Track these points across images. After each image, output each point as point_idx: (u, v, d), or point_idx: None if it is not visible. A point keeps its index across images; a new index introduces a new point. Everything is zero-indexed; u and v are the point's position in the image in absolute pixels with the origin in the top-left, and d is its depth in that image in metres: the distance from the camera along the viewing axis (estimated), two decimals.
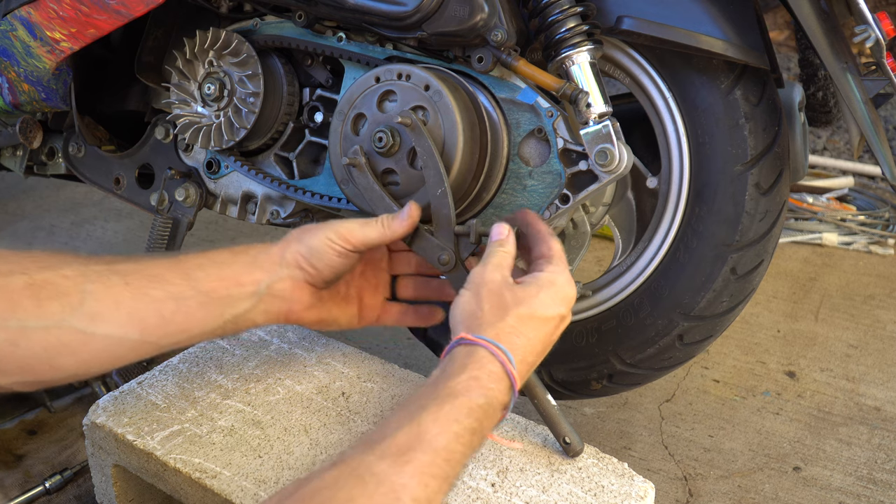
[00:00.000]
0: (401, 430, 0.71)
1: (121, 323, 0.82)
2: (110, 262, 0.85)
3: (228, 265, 0.90)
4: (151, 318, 0.84)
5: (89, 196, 2.50)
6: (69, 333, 0.79)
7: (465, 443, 0.73)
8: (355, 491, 0.65)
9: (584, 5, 0.99)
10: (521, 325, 0.83)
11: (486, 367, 0.79)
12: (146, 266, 0.86)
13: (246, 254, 0.92)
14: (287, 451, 0.96)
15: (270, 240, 0.96)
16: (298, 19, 1.12)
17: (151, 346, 0.85)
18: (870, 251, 2.15)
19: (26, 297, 0.77)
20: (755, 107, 1.02)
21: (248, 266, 0.91)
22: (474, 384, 0.77)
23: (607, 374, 1.15)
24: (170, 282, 0.86)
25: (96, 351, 0.82)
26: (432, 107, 0.99)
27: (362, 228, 0.93)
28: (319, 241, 0.92)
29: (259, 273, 0.91)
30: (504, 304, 0.84)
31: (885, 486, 1.32)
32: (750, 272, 1.06)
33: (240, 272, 0.90)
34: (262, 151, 1.24)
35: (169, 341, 0.87)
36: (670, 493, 1.30)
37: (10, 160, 1.47)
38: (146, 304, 0.84)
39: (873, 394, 1.56)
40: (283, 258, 0.92)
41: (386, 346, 1.69)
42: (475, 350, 0.80)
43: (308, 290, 0.94)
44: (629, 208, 1.17)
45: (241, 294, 0.90)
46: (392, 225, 0.94)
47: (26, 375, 0.80)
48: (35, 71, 1.22)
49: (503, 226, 0.93)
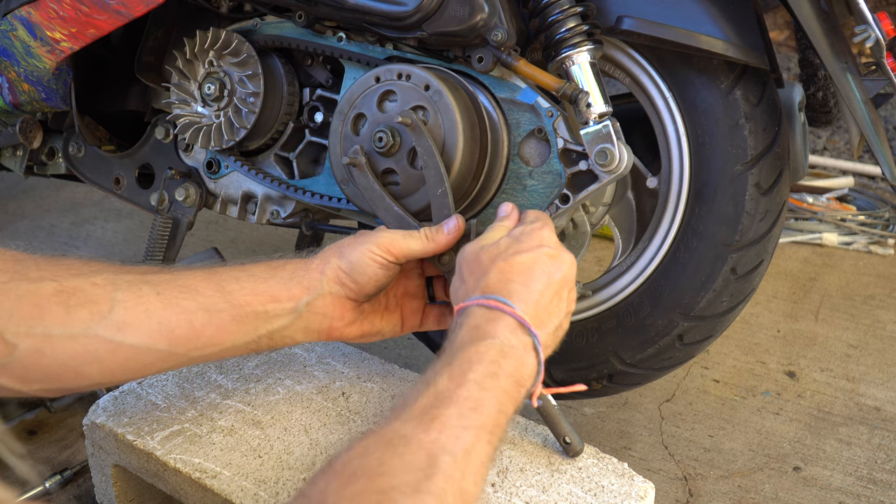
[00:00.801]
0: (420, 395, 0.71)
1: (149, 333, 0.81)
2: (143, 271, 0.85)
3: (265, 280, 0.89)
4: (181, 329, 0.82)
5: (89, 196, 2.50)
6: (96, 342, 0.78)
7: (490, 387, 0.72)
8: (386, 455, 0.65)
9: (584, 5, 0.99)
10: (508, 273, 0.83)
11: (482, 317, 0.79)
12: (179, 276, 0.85)
13: (284, 269, 0.91)
14: (287, 451, 0.96)
15: (271, 239, 0.95)
16: (298, 19, 1.12)
17: (180, 357, 0.84)
18: (870, 251, 2.15)
19: (55, 304, 0.76)
20: (755, 107, 1.02)
21: (286, 282, 0.90)
22: (475, 333, 0.77)
23: (607, 374, 1.15)
24: (202, 293, 0.85)
25: (122, 360, 0.81)
26: (432, 107, 0.99)
27: (405, 240, 0.93)
28: (361, 254, 0.91)
29: (298, 290, 0.89)
30: (482, 265, 0.85)
31: (885, 486, 1.32)
32: (750, 272, 1.06)
33: (277, 288, 0.89)
34: (263, 151, 1.24)
35: (199, 353, 0.85)
36: (670, 493, 1.30)
37: (10, 160, 1.47)
38: (176, 315, 0.82)
39: (873, 394, 1.56)
40: (323, 274, 0.91)
41: (386, 346, 1.69)
42: (467, 311, 0.81)
43: (350, 305, 0.93)
44: (629, 208, 1.17)
45: (278, 310, 0.88)
46: (437, 237, 0.94)
47: (51, 383, 0.79)
48: (35, 71, 1.22)
49: (509, 204, 0.94)
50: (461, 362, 0.74)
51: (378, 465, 0.64)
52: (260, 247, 2.12)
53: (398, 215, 1.00)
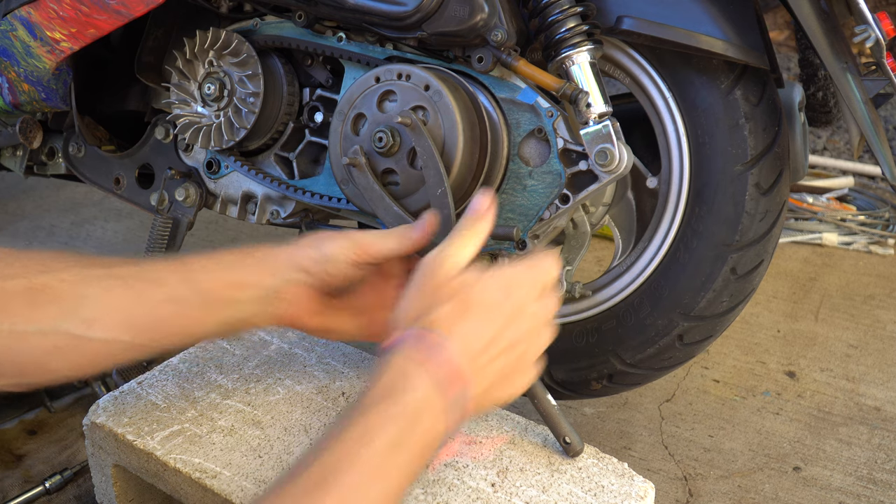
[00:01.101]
0: (316, 461, 0.64)
1: (115, 326, 0.81)
2: (112, 265, 0.85)
3: (233, 268, 0.88)
4: (146, 321, 0.83)
5: (89, 196, 2.50)
6: (63, 338, 0.78)
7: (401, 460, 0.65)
8: None
9: (584, 5, 0.99)
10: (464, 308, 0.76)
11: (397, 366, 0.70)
12: (148, 269, 0.86)
13: (253, 255, 0.90)
14: (287, 451, 0.96)
15: (271, 239, 0.95)
16: (298, 19, 1.12)
17: (146, 348, 0.84)
18: (870, 251, 2.15)
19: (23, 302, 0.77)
20: (755, 107, 1.02)
21: (254, 268, 0.89)
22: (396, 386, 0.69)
23: (607, 374, 1.15)
24: (169, 284, 0.85)
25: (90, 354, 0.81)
26: (432, 107, 0.99)
27: (381, 239, 0.91)
28: (336, 248, 0.89)
29: (265, 276, 0.89)
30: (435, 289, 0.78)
31: (885, 486, 1.32)
32: (750, 272, 1.06)
33: (244, 274, 0.88)
34: (262, 151, 1.24)
35: (167, 342, 0.86)
36: (670, 493, 1.30)
37: (10, 160, 1.47)
38: (143, 307, 0.83)
39: (873, 394, 1.56)
40: (292, 262, 0.90)
41: None
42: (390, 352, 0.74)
43: (316, 296, 0.92)
44: (629, 208, 1.17)
45: (245, 297, 0.88)
46: (411, 235, 0.91)
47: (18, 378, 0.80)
48: (35, 71, 1.22)
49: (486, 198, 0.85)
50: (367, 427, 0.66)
51: None
52: None
53: (398, 215, 1.00)
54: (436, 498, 0.88)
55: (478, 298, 0.77)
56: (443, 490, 0.89)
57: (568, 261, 1.15)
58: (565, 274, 1.11)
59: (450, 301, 0.76)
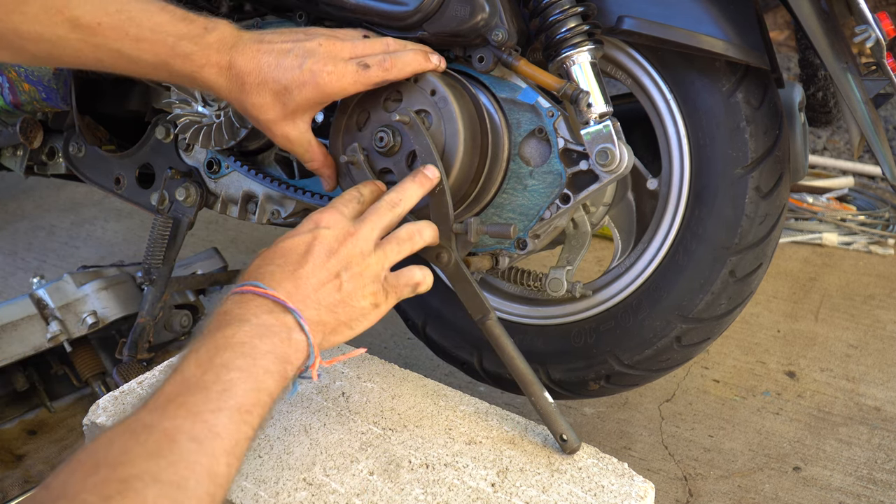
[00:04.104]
0: (167, 383, 0.71)
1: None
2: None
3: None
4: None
5: (89, 196, 2.50)
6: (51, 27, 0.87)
7: (242, 367, 0.72)
8: (129, 443, 0.65)
9: (585, 5, 0.99)
10: (269, 257, 0.84)
11: (233, 303, 0.79)
12: None
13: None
14: (287, 451, 0.97)
15: (271, 239, 0.96)
16: (299, 19, 1.12)
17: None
18: (870, 251, 2.15)
19: None
20: (756, 110, 1.02)
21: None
22: (223, 319, 0.77)
23: (605, 374, 1.15)
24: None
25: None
26: (436, 113, 0.99)
27: (339, 81, 0.94)
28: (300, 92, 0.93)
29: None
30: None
31: (885, 486, 1.32)
32: (749, 275, 1.06)
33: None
34: (263, 151, 1.24)
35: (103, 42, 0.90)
36: (670, 493, 1.30)
37: (10, 160, 1.47)
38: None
39: (873, 394, 1.56)
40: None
41: (386, 345, 1.69)
42: (223, 300, 0.82)
43: None
44: (629, 209, 1.17)
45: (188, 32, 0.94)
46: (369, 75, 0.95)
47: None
48: (35, 71, 1.22)
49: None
50: (208, 349, 0.74)
51: (120, 454, 0.64)
52: (260, 247, 2.12)
53: None
54: (436, 498, 0.88)
55: (281, 245, 0.85)
56: (443, 490, 0.89)
57: (568, 260, 1.15)
58: (566, 274, 1.11)
59: (258, 256, 0.86)
